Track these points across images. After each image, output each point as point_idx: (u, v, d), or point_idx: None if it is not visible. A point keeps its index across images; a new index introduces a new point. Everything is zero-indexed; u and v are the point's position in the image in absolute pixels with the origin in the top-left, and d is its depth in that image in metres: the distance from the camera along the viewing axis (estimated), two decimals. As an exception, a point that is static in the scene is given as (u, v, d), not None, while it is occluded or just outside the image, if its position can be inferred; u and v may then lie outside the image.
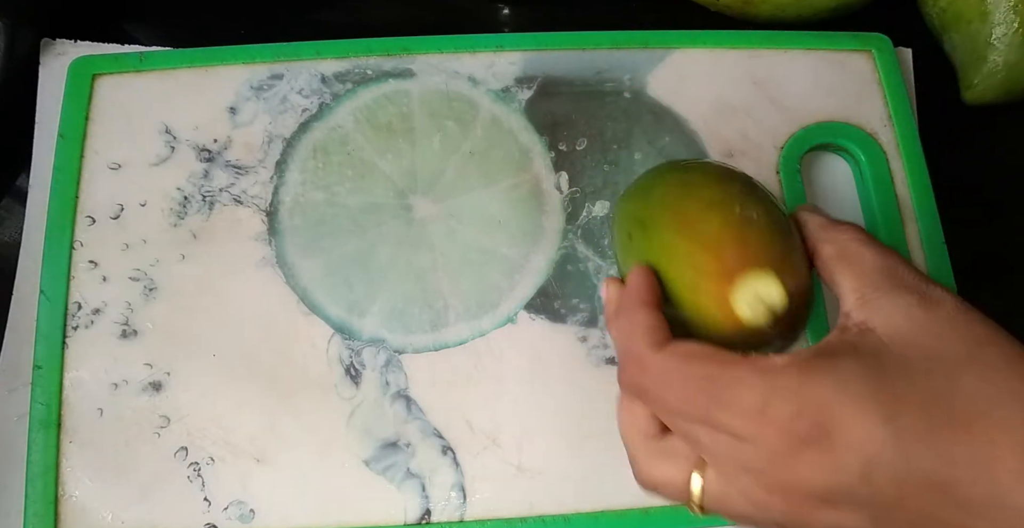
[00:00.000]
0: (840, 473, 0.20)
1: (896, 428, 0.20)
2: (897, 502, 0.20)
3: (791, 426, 0.20)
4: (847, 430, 0.20)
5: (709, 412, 0.21)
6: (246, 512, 0.33)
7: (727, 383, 0.21)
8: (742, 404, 0.21)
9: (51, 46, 0.41)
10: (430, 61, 0.40)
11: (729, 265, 0.23)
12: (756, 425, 0.21)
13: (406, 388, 0.35)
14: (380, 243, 0.37)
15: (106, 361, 0.35)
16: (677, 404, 0.22)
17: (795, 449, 0.20)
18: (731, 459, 0.22)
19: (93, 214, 0.37)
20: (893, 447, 0.20)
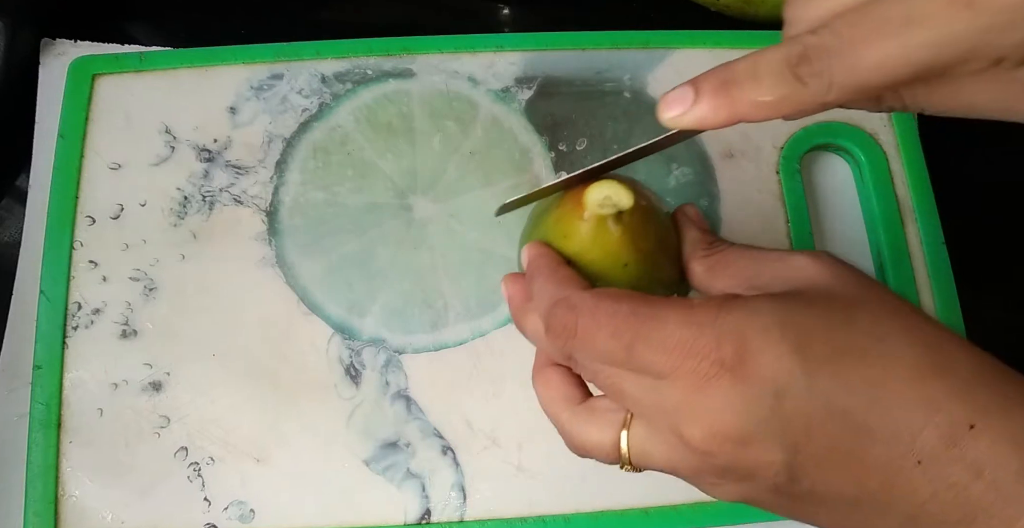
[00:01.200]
0: (752, 405, 0.20)
1: (803, 357, 0.20)
2: (805, 433, 0.20)
3: (706, 358, 0.21)
4: (759, 360, 0.20)
5: (633, 348, 0.22)
6: (246, 512, 0.34)
7: (649, 317, 0.22)
8: (662, 338, 0.21)
9: (51, 46, 0.41)
10: (430, 61, 0.40)
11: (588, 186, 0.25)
12: (675, 358, 0.21)
13: (406, 388, 0.35)
14: (380, 243, 0.37)
15: (106, 361, 0.35)
16: (604, 342, 0.22)
17: (709, 381, 0.21)
18: (653, 404, 0.22)
19: (93, 214, 0.37)
20: (800, 376, 0.20)
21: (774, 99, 0.21)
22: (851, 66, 0.20)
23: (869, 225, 0.39)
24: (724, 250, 0.25)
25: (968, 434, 0.19)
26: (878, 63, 0.20)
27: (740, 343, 0.21)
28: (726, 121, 0.22)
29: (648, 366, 0.22)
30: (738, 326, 0.21)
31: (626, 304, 0.22)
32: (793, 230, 0.38)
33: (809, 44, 0.20)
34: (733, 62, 0.22)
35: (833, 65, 0.20)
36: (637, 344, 0.21)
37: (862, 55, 0.20)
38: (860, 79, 0.20)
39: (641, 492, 0.34)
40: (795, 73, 0.21)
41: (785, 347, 0.20)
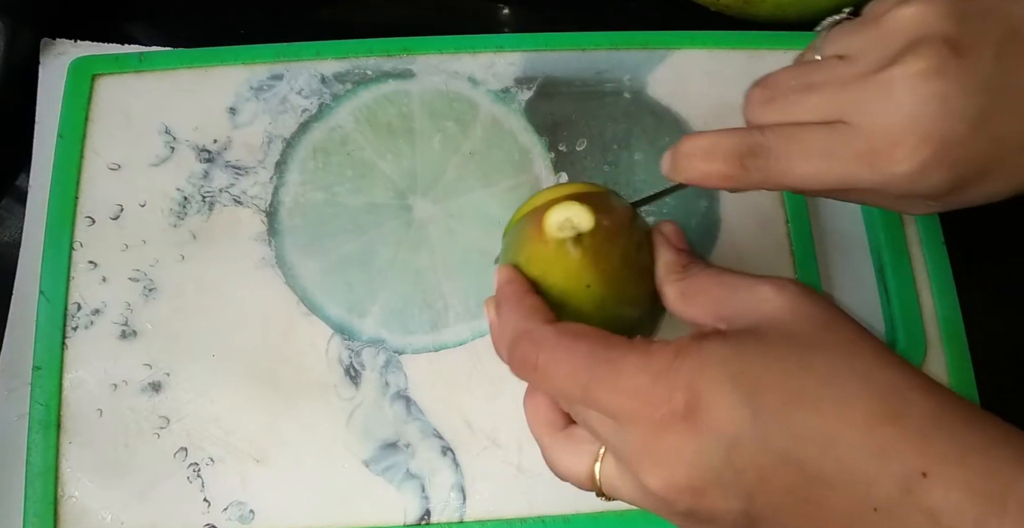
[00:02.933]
0: (705, 456, 0.21)
1: (754, 408, 0.20)
2: (759, 483, 0.20)
3: (660, 407, 0.21)
4: (711, 412, 0.20)
5: (589, 390, 0.22)
6: (246, 513, 0.33)
7: (607, 361, 0.22)
8: (617, 383, 0.21)
9: (51, 46, 0.41)
10: (430, 61, 0.40)
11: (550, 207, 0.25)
12: (629, 405, 0.21)
13: (406, 388, 0.35)
14: (380, 243, 0.37)
15: (106, 362, 0.35)
16: (563, 382, 0.22)
17: (664, 431, 0.21)
18: (616, 444, 0.22)
19: (93, 214, 0.37)
20: (752, 427, 0.20)
21: (723, 177, 0.25)
22: (782, 172, 0.24)
23: (869, 225, 0.39)
24: (697, 275, 0.25)
25: (922, 482, 0.19)
26: (801, 179, 0.24)
27: (693, 394, 0.21)
28: (688, 183, 0.26)
29: (604, 409, 0.22)
30: (691, 376, 0.21)
31: (585, 345, 0.22)
32: (793, 231, 0.38)
33: (756, 142, 0.24)
34: (700, 135, 0.25)
35: (770, 166, 0.24)
36: (592, 386, 0.22)
37: (791, 167, 0.24)
38: (787, 184, 0.25)
39: (641, 493, 0.34)
40: (742, 162, 0.24)
41: (737, 398, 0.20)
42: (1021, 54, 0.22)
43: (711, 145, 0.25)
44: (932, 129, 0.22)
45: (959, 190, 0.24)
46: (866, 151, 0.23)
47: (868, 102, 0.23)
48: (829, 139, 0.24)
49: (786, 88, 0.25)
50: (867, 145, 0.23)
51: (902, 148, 0.23)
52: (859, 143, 0.23)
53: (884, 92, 0.23)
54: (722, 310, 0.24)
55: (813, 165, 0.24)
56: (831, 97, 0.24)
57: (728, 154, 0.24)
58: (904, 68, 0.22)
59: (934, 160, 0.23)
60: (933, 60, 0.22)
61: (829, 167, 0.24)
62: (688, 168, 0.25)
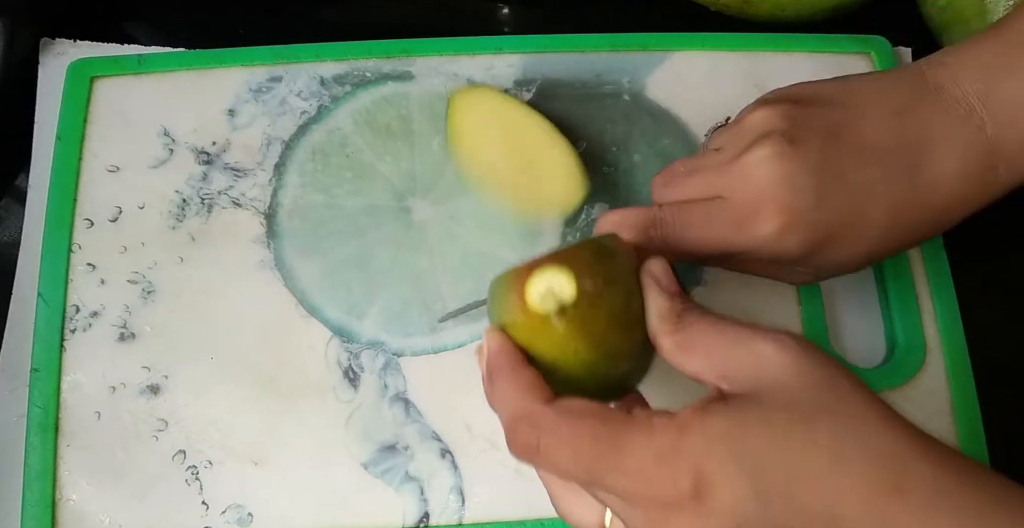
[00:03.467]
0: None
1: (759, 488, 0.21)
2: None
3: (667, 489, 0.21)
4: (717, 494, 0.21)
5: (594, 473, 0.22)
6: (244, 515, 0.33)
7: (610, 443, 0.22)
8: (623, 465, 0.22)
9: (50, 46, 0.41)
10: (429, 63, 0.40)
11: (532, 268, 0.25)
12: (635, 486, 0.22)
13: (405, 391, 0.35)
14: (379, 245, 0.37)
15: (104, 364, 0.35)
16: (567, 465, 0.23)
17: (671, 513, 0.21)
18: (624, 516, 0.23)
19: (91, 217, 0.37)
20: (757, 507, 0.21)
21: (636, 241, 0.29)
22: (676, 239, 0.29)
23: (869, 228, 0.39)
24: (692, 325, 0.24)
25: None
26: (689, 244, 0.29)
27: (698, 476, 0.21)
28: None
29: (610, 490, 0.22)
30: (696, 457, 0.21)
31: (587, 426, 0.22)
32: (792, 233, 0.38)
33: (657, 216, 0.29)
34: (614, 212, 0.30)
35: (667, 234, 0.29)
36: (597, 468, 0.22)
37: (682, 235, 0.29)
38: (682, 248, 0.29)
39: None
40: (647, 232, 0.29)
41: (742, 480, 0.21)
42: (838, 147, 0.28)
43: (622, 219, 0.30)
44: (783, 200, 0.28)
45: (815, 254, 0.29)
46: (736, 219, 0.29)
47: (734, 181, 0.29)
48: (708, 212, 0.29)
49: (678, 174, 0.31)
50: (736, 215, 0.29)
51: (761, 215, 0.28)
52: (730, 213, 0.29)
53: (743, 173, 0.28)
54: (722, 367, 0.23)
55: (697, 232, 0.29)
56: (708, 178, 0.30)
57: (634, 226, 0.29)
58: (754, 154, 0.28)
59: (787, 225, 0.28)
60: (775, 147, 0.28)
61: (709, 233, 0.29)
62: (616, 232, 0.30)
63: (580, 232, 0.38)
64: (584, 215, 0.38)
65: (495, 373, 0.25)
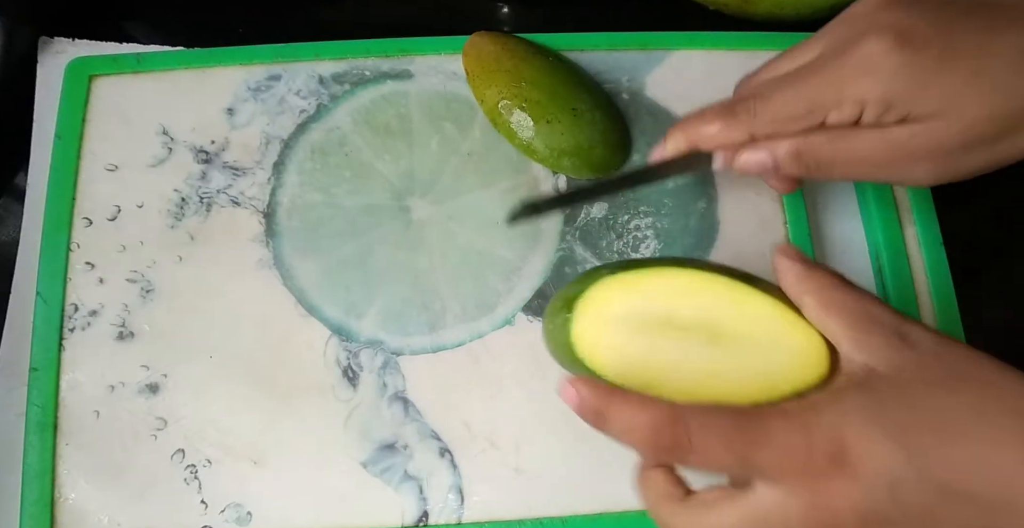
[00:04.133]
0: (870, 498, 0.22)
1: (906, 448, 0.22)
2: (927, 516, 0.22)
3: (816, 459, 0.22)
4: (865, 457, 0.22)
5: (746, 458, 0.23)
6: (243, 514, 0.33)
7: (755, 428, 0.23)
8: (771, 445, 0.23)
9: (49, 44, 0.41)
10: (428, 62, 0.40)
11: None
12: (785, 463, 0.23)
13: (404, 390, 0.35)
14: (378, 245, 0.37)
15: (103, 363, 0.35)
16: (720, 455, 0.23)
17: (825, 483, 0.22)
18: (782, 506, 0.23)
19: (90, 216, 0.37)
20: (908, 465, 0.22)
21: (716, 129, 0.30)
22: (767, 102, 0.30)
23: (867, 226, 0.39)
24: (833, 284, 0.26)
25: None
26: (782, 103, 0.29)
27: (839, 439, 0.22)
28: (685, 147, 0.32)
29: (762, 472, 0.23)
30: (833, 423, 0.23)
31: (728, 417, 0.24)
32: (791, 231, 0.38)
33: (742, 93, 0.31)
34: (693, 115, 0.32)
35: (757, 104, 0.30)
36: (750, 454, 0.23)
37: (773, 99, 0.30)
38: (773, 111, 0.29)
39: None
40: (731, 109, 0.30)
41: (881, 437, 0.22)
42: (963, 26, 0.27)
43: (700, 112, 0.31)
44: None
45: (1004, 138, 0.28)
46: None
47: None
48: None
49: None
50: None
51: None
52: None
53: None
54: (860, 337, 0.25)
55: (783, 94, 0.29)
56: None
57: (717, 110, 0.31)
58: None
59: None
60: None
61: (795, 86, 0.29)
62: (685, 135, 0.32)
63: (580, 231, 0.38)
64: (584, 214, 0.38)
65: (604, 404, 0.25)
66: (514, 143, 0.37)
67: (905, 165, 0.29)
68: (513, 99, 0.36)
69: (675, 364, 0.26)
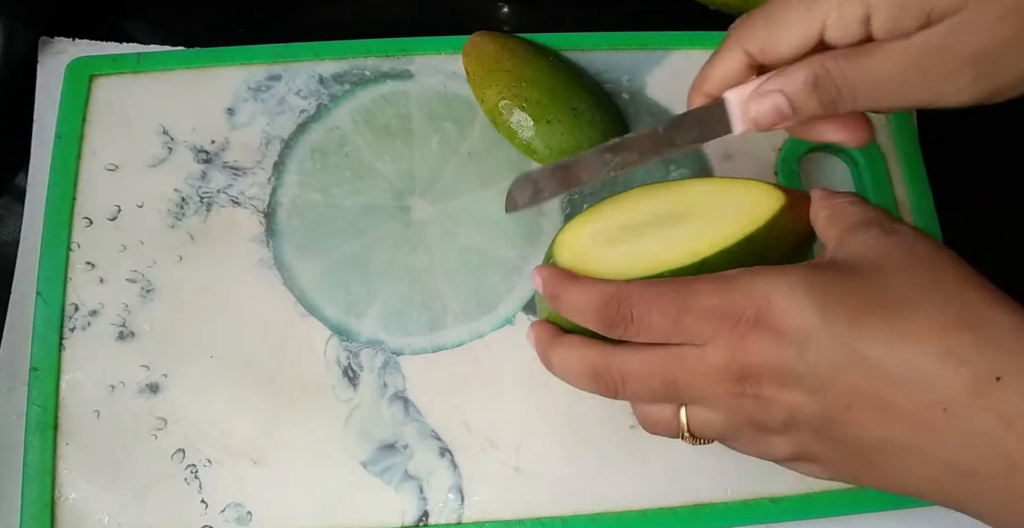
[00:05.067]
0: (781, 351, 0.23)
1: (824, 309, 0.22)
2: (829, 377, 0.22)
3: (740, 317, 0.23)
4: (785, 313, 0.23)
5: (679, 321, 0.24)
6: (243, 514, 0.33)
7: (688, 292, 0.24)
8: (702, 306, 0.24)
9: (49, 44, 0.41)
10: (428, 62, 0.40)
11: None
12: (714, 322, 0.24)
13: (404, 390, 0.35)
14: (378, 244, 0.37)
15: (103, 363, 0.35)
16: (656, 320, 0.24)
17: (745, 337, 0.23)
18: (701, 371, 0.24)
19: (90, 215, 0.37)
20: (822, 325, 0.22)
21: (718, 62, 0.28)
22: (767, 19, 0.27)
23: (868, 226, 0.39)
24: (848, 200, 0.27)
25: (995, 386, 0.20)
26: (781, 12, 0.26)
27: (767, 300, 0.23)
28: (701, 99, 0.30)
29: (693, 334, 0.24)
30: (765, 287, 0.23)
31: (667, 285, 0.25)
32: (791, 232, 0.38)
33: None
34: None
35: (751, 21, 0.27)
36: (682, 316, 0.24)
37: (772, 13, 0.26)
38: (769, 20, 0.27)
39: (639, 494, 0.34)
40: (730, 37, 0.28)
41: (808, 302, 0.23)
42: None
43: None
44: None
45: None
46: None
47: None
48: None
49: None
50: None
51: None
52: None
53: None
54: (844, 236, 0.25)
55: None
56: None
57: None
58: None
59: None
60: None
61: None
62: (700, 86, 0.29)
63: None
64: (583, 214, 0.38)
65: (560, 287, 0.26)
66: (514, 143, 0.37)
67: (940, 78, 0.25)
68: (513, 99, 0.36)
69: (647, 247, 0.28)
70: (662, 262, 0.26)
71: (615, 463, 0.34)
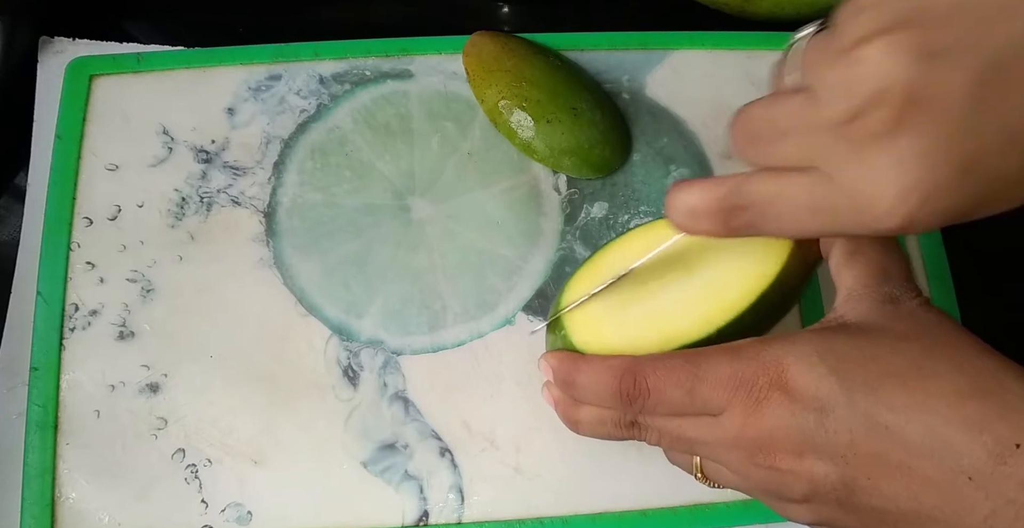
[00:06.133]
0: (799, 420, 0.23)
1: (841, 378, 0.23)
2: (850, 446, 0.22)
3: (755, 385, 0.24)
4: (800, 381, 0.23)
5: (694, 391, 0.24)
6: (243, 514, 0.33)
7: (701, 362, 0.25)
8: (716, 376, 0.24)
9: (49, 44, 0.41)
10: (428, 62, 0.40)
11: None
12: (729, 391, 0.24)
13: (404, 389, 0.35)
14: (378, 244, 0.37)
15: (103, 363, 0.35)
16: (671, 393, 0.25)
17: (760, 405, 0.23)
18: (715, 439, 0.25)
19: (90, 215, 0.37)
20: (840, 393, 0.22)
21: (714, 234, 0.25)
22: (770, 230, 0.24)
23: (868, 226, 0.39)
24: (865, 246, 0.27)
25: (1016, 453, 0.20)
26: (792, 232, 0.24)
27: (781, 368, 0.23)
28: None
29: (709, 404, 0.24)
30: (778, 355, 0.24)
31: (679, 357, 0.25)
32: (792, 231, 0.38)
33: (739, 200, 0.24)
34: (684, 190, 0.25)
35: (757, 224, 0.24)
36: (696, 387, 0.24)
37: (778, 226, 0.24)
38: (780, 235, 0.25)
39: (639, 494, 0.34)
40: (727, 223, 0.24)
41: (823, 369, 0.23)
42: (1003, 87, 0.19)
43: (696, 206, 0.24)
44: (910, 183, 0.20)
45: (962, 218, 0.22)
46: (850, 207, 0.21)
47: (840, 157, 0.21)
48: (812, 194, 0.22)
49: (761, 129, 0.23)
50: (849, 202, 0.21)
51: (882, 206, 0.21)
52: (840, 199, 0.21)
53: (854, 150, 0.21)
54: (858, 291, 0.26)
55: (800, 222, 0.23)
56: (803, 146, 0.22)
57: (713, 215, 0.24)
58: (867, 126, 0.20)
59: (920, 212, 0.21)
60: (893, 114, 0.20)
61: (815, 222, 0.22)
62: (680, 224, 0.25)
63: (580, 230, 0.38)
64: (584, 213, 0.38)
65: (573, 373, 0.27)
66: (514, 143, 0.37)
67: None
68: (513, 99, 0.36)
69: (658, 313, 0.28)
70: (676, 335, 0.27)
71: (615, 463, 0.34)
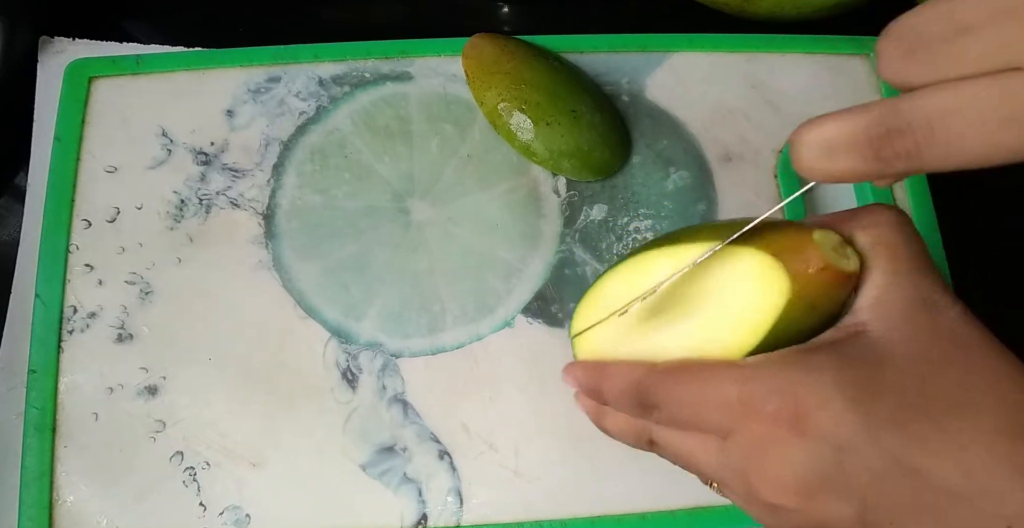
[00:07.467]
0: (813, 458, 0.20)
1: (865, 414, 0.20)
2: (873, 488, 0.20)
3: (764, 414, 0.21)
4: (816, 415, 0.20)
5: (698, 411, 0.22)
6: (241, 517, 0.33)
7: (707, 380, 0.22)
8: (721, 398, 0.22)
9: (49, 44, 0.41)
10: (428, 64, 0.40)
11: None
12: (734, 416, 0.22)
13: (403, 392, 0.35)
14: (377, 246, 0.37)
15: (101, 365, 0.35)
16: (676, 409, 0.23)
17: (770, 437, 0.21)
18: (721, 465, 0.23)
19: (89, 217, 0.37)
20: (863, 432, 0.20)
21: (858, 176, 0.21)
22: (943, 157, 0.20)
23: (867, 229, 0.39)
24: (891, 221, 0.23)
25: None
26: (962, 163, 0.19)
27: (794, 398, 0.21)
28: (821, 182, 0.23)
29: (712, 426, 0.22)
30: (791, 381, 0.21)
31: (687, 372, 0.23)
32: (791, 234, 0.38)
33: (900, 122, 0.20)
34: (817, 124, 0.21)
35: (923, 153, 0.20)
36: (701, 406, 0.22)
37: (948, 153, 0.19)
38: (952, 167, 0.20)
39: (638, 497, 0.34)
40: (877, 154, 0.20)
41: (841, 404, 0.20)
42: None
43: (831, 138, 0.20)
44: None
45: None
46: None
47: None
48: (1015, 101, 0.17)
49: (931, 29, 0.18)
50: None
51: None
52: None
53: None
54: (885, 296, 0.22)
55: (987, 139, 0.18)
56: (997, 40, 0.17)
57: (856, 147, 0.19)
58: None
59: None
60: None
61: (1011, 137, 0.18)
62: (810, 169, 0.21)
63: (579, 233, 0.38)
64: (583, 216, 0.38)
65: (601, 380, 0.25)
66: (514, 145, 0.37)
67: None
68: (513, 101, 0.36)
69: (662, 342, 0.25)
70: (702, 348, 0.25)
71: (614, 466, 0.34)
